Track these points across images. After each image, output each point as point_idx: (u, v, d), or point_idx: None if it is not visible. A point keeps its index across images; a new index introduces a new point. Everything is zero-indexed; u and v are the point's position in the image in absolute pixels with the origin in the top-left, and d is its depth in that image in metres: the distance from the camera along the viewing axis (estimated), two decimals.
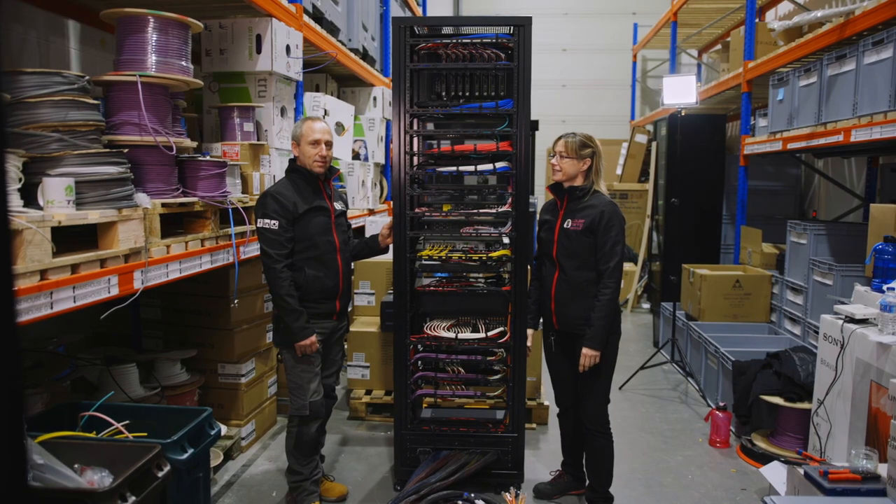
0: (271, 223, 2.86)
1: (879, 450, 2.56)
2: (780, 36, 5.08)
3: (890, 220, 3.56)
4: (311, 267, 2.97)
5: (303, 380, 2.97)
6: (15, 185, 2.08)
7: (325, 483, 3.26)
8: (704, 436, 4.02)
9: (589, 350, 2.89)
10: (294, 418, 3.01)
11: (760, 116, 5.40)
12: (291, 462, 3.05)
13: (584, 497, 3.22)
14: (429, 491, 3.00)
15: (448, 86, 3.27)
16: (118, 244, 2.32)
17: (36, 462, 1.80)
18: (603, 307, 2.89)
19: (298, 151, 3.01)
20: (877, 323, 2.97)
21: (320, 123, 3.04)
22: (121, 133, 2.59)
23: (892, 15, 3.50)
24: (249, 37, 3.57)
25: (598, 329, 2.89)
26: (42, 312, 1.96)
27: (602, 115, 10.07)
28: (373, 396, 4.31)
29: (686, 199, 5.61)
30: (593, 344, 2.89)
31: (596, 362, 2.91)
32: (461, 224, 3.32)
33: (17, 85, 2.24)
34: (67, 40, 3.60)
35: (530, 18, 3.06)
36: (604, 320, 2.90)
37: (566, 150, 2.97)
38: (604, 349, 2.92)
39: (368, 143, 5.48)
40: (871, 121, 3.59)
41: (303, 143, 2.98)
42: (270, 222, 2.86)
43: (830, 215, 6.05)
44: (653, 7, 9.49)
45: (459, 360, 3.28)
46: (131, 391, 3.14)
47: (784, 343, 4.46)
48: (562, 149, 2.98)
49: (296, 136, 3.01)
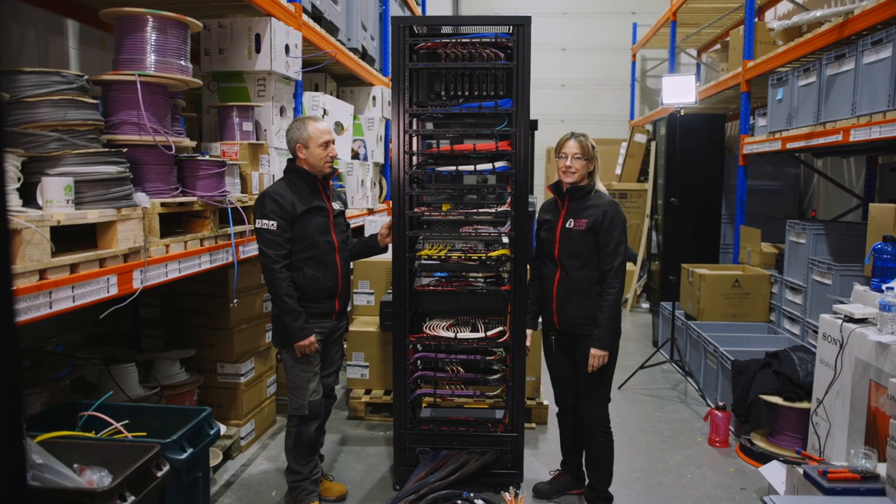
0: (269, 224, 2.85)
1: (878, 449, 2.56)
2: (779, 35, 5.08)
3: (889, 219, 3.57)
4: (309, 267, 2.96)
5: (302, 379, 2.97)
6: (14, 184, 2.07)
7: (325, 482, 3.25)
8: (704, 435, 4.03)
9: (597, 350, 2.90)
10: (293, 418, 3.01)
11: (760, 116, 5.40)
12: (290, 461, 3.05)
13: (584, 496, 3.23)
14: (428, 490, 3.00)
15: (447, 85, 3.27)
16: (117, 244, 2.32)
17: (35, 462, 1.80)
18: (609, 307, 2.91)
19: (306, 153, 2.96)
20: (876, 322, 2.97)
21: (324, 123, 3.02)
22: (120, 132, 2.58)
23: (892, 15, 3.51)
24: (248, 36, 3.57)
25: (605, 329, 2.90)
26: (41, 312, 1.96)
27: (601, 114, 10.07)
28: (372, 396, 4.30)
29: (685, 198, 5.61)
30: (601, 344, 2.90)
31: (604, 362, 2.93)
32: (460, 223, 3.32)
33: (16, 84, 2.24)
34: (66, 39, 3.59)
35: (529, 18, 3.06)
36: (610, 320, 2.91)
37: (581, 151, 2.93)
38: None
39: (367, 142, 5.48)
40: (871, 120, 3.59)
41: (312, 145, 2.94)
42: (269, 223, 2.85)
43: (829, 215, 6.06)
44: (652, 7, 9.49)
45: (459, 360, 3.28)
46: (130, 391, 3.14)
47: (783, 342, 4.46)
48: (576, 150, 2.93)
49: (301, 139, 2.95)
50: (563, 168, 2.97)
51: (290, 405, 3.01)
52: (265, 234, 2.86)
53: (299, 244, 2.94)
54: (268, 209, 2.86)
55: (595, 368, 2.92)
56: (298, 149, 2.98)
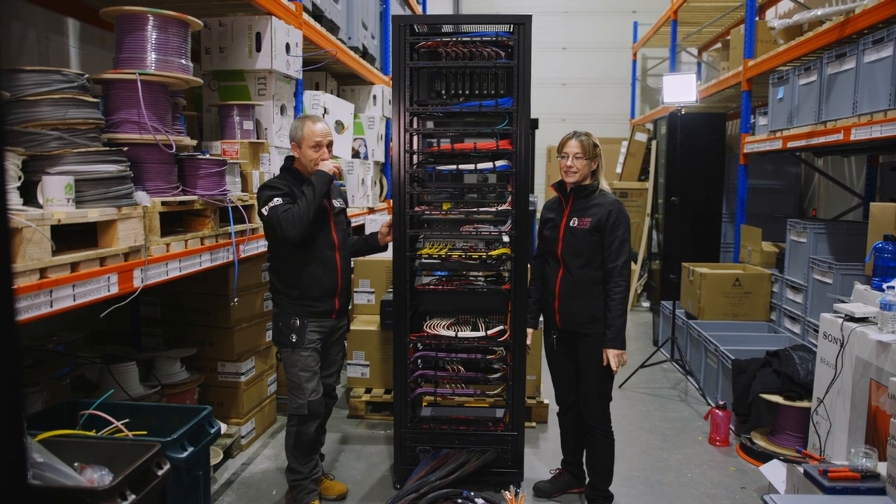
0: (276, 201, 2.79)
1: (879, 448, 2.56)
2: (780, 34, 5.08)
3: (890, 218, 3.57)
4: (309, 265, 2.94)
5: (301, 379, 2.96)
6: (14, 183, 2.07)
7: (325, 481, 3.26)
8: (704, 434, 4.03)
9: (614, 351, 2.90)
10: (293, 417, 3.00)
11: (760, 115, 5.39)
12: (291, 461, 3.05)
13: (584, 495, 3.23)
14: (428, 489, 3.00)
15: (448, 84, 3.26)
16: (118, 242, 2.32)
17: (36, 460, 1.80)
18: (618, 306, 2.91)
19: (298, 153, 2.96)
20: (876, 321, 2.97)
21: (321, 125, 2.97)
22: (120, 131, 2.59)
23: (893, 13, 3.50)
24: (249, 35, 3.57)
25: (618, 328, 2.91)
26: (42, 311, 1.96)
27: (602, 113, 10.07)
28: (372, 395, 4.31)
29: (686, 197, 5.61)
30: (616, 344, 2.91)
31: (624, 361, 2.93)
32: (461, 222, 3.32)
33: (17, 83, 2.24)
34: (67, 38, 3.59)
35: (530, 17, 3.06)
36: (621, 318, 2.91)
37: (582, 150, 2.93)
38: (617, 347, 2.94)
39: (368, 141, 5.48)
40: (871, 119, 3.59)
41: (304, 146, 2.93)
42: (275, 200, 2.79)
43: (830, 214, 6.05)
44: (653, 5, 9.49)
45: (459, 359, 3.28)
46: (131, 389, 3.14)
47: (784, 341, 4.46)
48: (577, 150, 2.93)
49: (295, 138, 2.95)
50: (564, 168, 2.98)
51: (290, 405, 3.01)
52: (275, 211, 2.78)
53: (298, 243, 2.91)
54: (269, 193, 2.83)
55: (616, 369, 2.92)
56: (293, 147, 2.98)
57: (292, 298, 2.96)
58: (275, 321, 3.03)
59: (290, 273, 2.95)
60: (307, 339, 2.95)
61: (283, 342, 2.98)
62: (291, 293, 2.96)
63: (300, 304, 2.94)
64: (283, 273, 2.98)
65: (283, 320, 2.97)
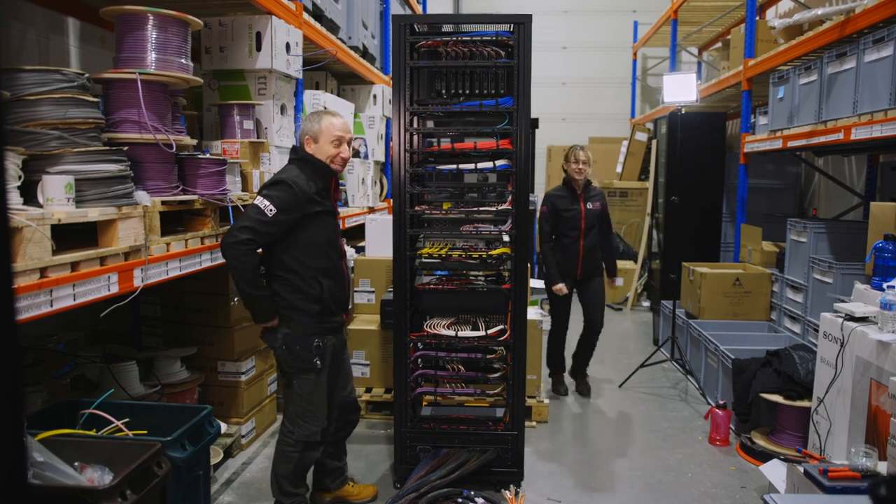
0: (270, 208, 2.56)
1: (879, 448, 2.56)
2: (780, 34, 5.07)
3: (890, 218, 3.56)
4: (324, 277, 2.72)
5: (321, 405, 2.76)
6: (14, 182, 2.07)
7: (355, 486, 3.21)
8: (704, 434, 4.03)
9: (617, 278, 4.88)
10: (299, 444, 2.76)
11: (761, 114, 5.39)
12: (284, 484, 2.78)
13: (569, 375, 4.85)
14: (429, 489, 3.00)
15: (448, 83, 3.26)
16: (118, 242, 2.32)
17: (36, 460, 1.80)
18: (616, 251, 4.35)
19: (314, 148, 2.74)
20: (877, 321, 2.97)
21: (340, 119, 2.78)
22: (120, 131, 2.58)
23: (893, 13, 3.50)
24: (249, 34, 3.56)
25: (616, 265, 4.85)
26: (42, 310, 1.96)
27: (602, 112, 10.07)
28: (372, 394, 4.31)
29: (686, 197, 5.61)
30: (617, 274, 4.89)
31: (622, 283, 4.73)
32: (461, 222, 3.32)
33: (17, 82, 2.23)
34: (67, 38, 3.59)
35: (530, 16, 3.06)
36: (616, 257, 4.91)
37: (587, 159, 4.46)
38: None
39: (368, 140, 5.48)
40: (872, 119, 3.59)
41: (322, 140, 2.72)
42: (270, 206, 2.56)
43: (830, 213, 6.05)
44: (653, 5, 9.48)
45: (459, 358, 3.28)
46: (131, 389, 3.14)
47: (784, 341, 4.46)
48: (584, 158, 4.44)
49: (312, 133, 2.73)
50: (576, 170, 4.44)
51: (298, 431, 2.75)
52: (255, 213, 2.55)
53: (313, 251, 2.70)
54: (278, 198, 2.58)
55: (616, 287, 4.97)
56: (307, 142, 2.75)
57: (311, 316, 2.70)
58: (285, 344, 2.69)
59: (307, 286, 2.69)
60: (328, 360, 2.77)
61: (303, 368, 2.70)
62: (311, 309, 2.69)
63: (320, 322, 2.72)
64: (297, 285, 2.69)
65: (302, 344, 2.69)
